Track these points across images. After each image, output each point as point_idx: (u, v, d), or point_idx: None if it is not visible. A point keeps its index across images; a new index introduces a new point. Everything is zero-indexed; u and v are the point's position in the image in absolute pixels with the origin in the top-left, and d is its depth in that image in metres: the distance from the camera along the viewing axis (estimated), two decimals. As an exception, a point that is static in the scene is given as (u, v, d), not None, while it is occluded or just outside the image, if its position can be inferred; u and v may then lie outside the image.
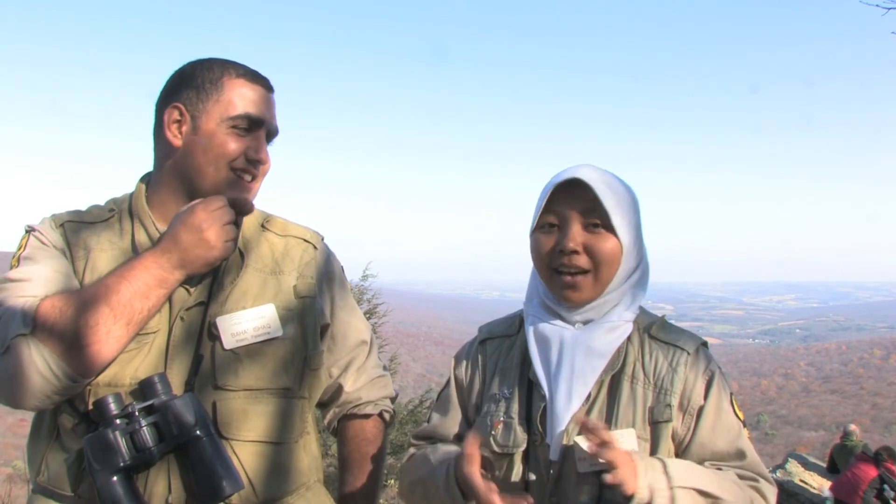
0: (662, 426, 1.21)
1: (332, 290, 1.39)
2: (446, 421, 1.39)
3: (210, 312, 1.23)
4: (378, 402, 1.44)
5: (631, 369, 1.25)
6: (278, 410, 1.26)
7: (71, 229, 1.26)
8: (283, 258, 1.33)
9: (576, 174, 1.23)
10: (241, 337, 1.23)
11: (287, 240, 1.36)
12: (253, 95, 1.26)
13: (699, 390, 1.24)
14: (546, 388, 1.25)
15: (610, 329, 1.27)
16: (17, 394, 1.10)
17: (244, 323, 1.24)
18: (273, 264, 1.31)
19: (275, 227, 1.37)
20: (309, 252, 1.37)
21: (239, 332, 1.23)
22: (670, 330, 1.31)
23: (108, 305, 1.12)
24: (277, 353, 1.26)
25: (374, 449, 1.44)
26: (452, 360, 1.45)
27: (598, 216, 1.23)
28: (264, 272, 1.30)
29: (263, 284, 1.28)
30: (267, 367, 1.25)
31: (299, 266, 1.34)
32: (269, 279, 1.29)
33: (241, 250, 1.30)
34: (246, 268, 1.29)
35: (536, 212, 1.29)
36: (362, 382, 1.42)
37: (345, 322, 1.40)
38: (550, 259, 1.26)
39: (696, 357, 1.27)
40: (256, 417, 1.23)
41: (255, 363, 1.24)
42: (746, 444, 1.23)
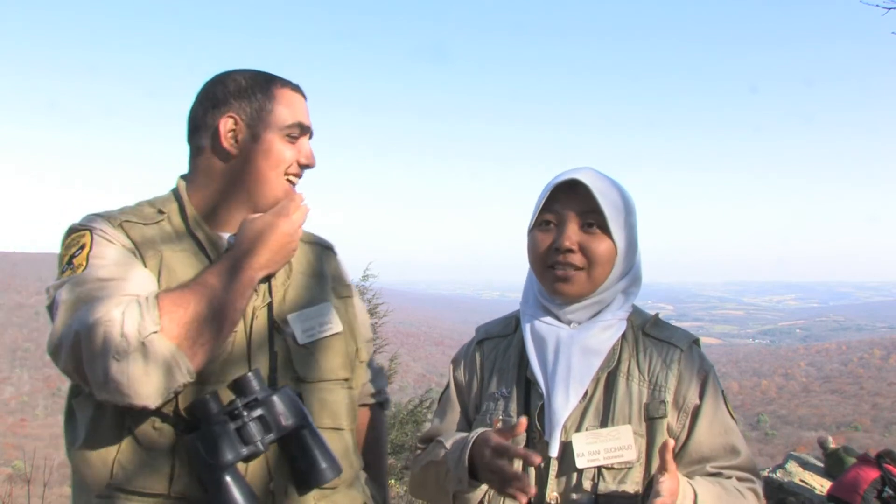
0: (658, 422, 1.24)
1: (350, 290, 1.52)
2: (447, 422, 1.42)
3: (274, 310, 1.31)
4: (378, 393, 1.57)
5: (626, 366, 1.29)
6: (344, 399, 1.37)
7: (130, 229, 1.27)
8: (316, 262, 1.45)
9: (575, 176, 1.28)
10: (311, 332, 1.33)
11: (311, 246, 1.47)
12: (299, 104, 1.35)
13: (694, 389, 1.27)
14: (543, 387, 1.28)
15: (604, 328, 1.30)
16: (146, 390, 1.09)
17: (311, 319, 1.34)
18: (309, 267, 1.42)
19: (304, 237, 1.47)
20: (333, 257, 1.51)
21: (308, 328, 1.33)
22: (664, 328, 1.35)
23: (218, 304, 1.16)
24: (340, 347, 1.38)
25: (378, 434, 1.57)
26: (451, 364, 1.48)
27: (594, 217, 1.27)
28: (306, 274, 1.40)
29: (311, 285, 1.39)
30: (334, 360, 1.36)
31: (330, 269, 1.47)
32: (313, 281, 1.40)
33: None
34: (292, 271, 1.37)
35: (535, 210, 1.33)
36: (370, 374, 1.54)
37: (358, 321, 1.49)
38: (546, 256, 1.30)
39: (689, 354, 1.30)
40: (331, 406, 1.33)
41: (324, 356, 1.34)
42: (740, 441, 1.27)
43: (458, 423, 1.42)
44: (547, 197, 1.31)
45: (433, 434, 1.43)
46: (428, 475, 1.35)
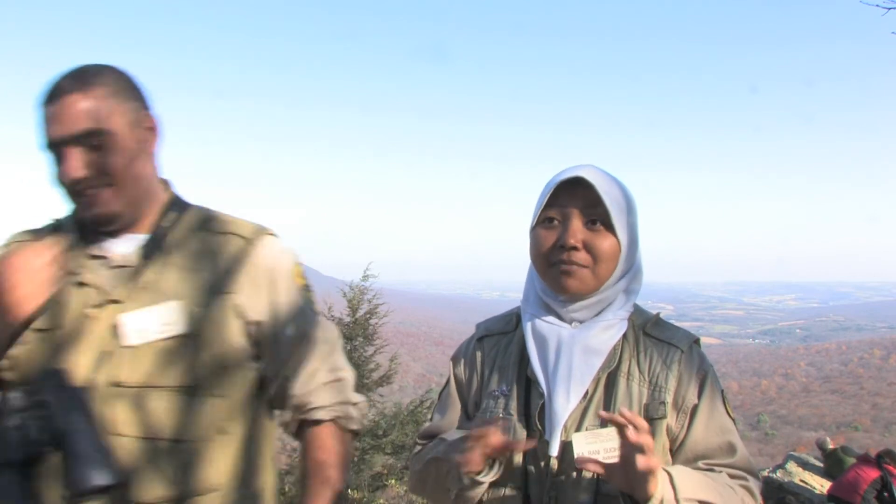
0: (657, 422, 1.24)
1: (271, 287, 1.32)
2: (447, 419, 1.42)
3: (124, 310, 1.23)
4: (332, 408, 1.35)
5: (627, 366, 1.28)
6: (179, 408, 1.22)
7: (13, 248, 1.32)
8: (210, 254, 1.30)
9: (579, 173, 1.27)
10: (144, 334, 1.22)
11: (222, 237, 1.33)
12: (47, 116, 1.22)
13: (693, 389, 1.27)
14: (544, 386, 1.27)
15: (605, 327, 1.30)
16: None
17: (148, 320, 1.23)
18: (196, 261, 1.29)
19: (213, 225, 1.34)
20: (239, 247, 1.31)
21: (142, 328, 1.22)
22: (664, 328, 1.34)
23: None
24: (180, 351, 1.23)
25: (327, 457, 1.34)
26: (451, 360, 1.47)
27: (598, 214, 1.27)
28: (185, 269, 1.28)
29: (179, 281, 1.27)
30: (168, 364, 1.23)
31: (226, 262, 1.30)
32: (188, 276, 1.27)
33: (166, 248, 1.29)
34: (168, 265, 1.28)
35: (538, 208, 1.31)
36: (313, 386, 1.34)
37: (289, 320, 1.34)
38: (550, 254, 1.29)
39: (689, 355, 1.30)
40: (153, 414, 1.21)
41: (156, 360, 1.22)
42: (737, 440, 1.26)
43: (458, 420, 1.41)
44: (550, 194, 1.30)
45: (432, 431, 1.42)
46: (428, 473, 1.35)
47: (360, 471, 9.03)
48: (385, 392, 10.11)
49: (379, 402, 9.95)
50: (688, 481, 1.16)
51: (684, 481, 1.15)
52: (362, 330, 9.70)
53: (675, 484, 1.14)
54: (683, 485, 1.14)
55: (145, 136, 1.28)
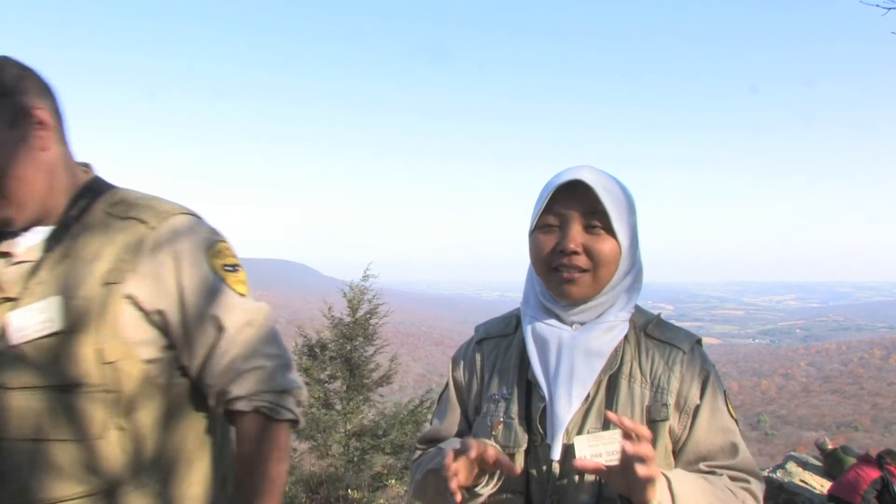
0: (660, 424, 1.23)
1: (176, 273, 1.23)
2: (447, 422, 1.40)
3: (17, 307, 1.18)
4: (253, 397, 1.25)
5: (628, 368, 1.27)
6: (66, 407, 1.16)
7: None
8: (109, 243, 1.22)
9: (577, 175, 1.24)
10: (24, 332, 1.16)
11: (125, 222, 1.24)
12: None
13: (695, 390, 1.25)
14: (545, 390, 1.26)
15: (607, 329, 1.28)
16: None
17: (29, 317, 1.17)
18: (95, 251, 1.21)
19: (119, 210, 1.26)
20: (139, 232, 1.22)
21: (23, 326, 1.16)
22: (666, 328, 1.33)
23: None
24: (62, 348, 1.16)
25: (252, 448, 1.25)
26: (450, 362, 1.45)
27: (598, 218, 1.25)
28: (82, 261, 1.20)
29: (74, 274, 1.19)
30: (54, 363, 1.16)
31: (122, 249, 1.21)
32: (83, 267, 1.20)
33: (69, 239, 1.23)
34: (63, 259, 1.21)
35: (536, 212, 1.29)
36: (231, 374, 1.25)
37: (198, 305, 1.24)
38: (550, 259, 1.27)
39: (691, 356, 1.28)
40: (39, 415, 1.15)
41: (41, 359, 1.16)
42: (740, 441, 1.25)
43: (458, 425, 1.40)
44: (548, 198, 1.27)
45: (432, 436, 1.41)
46: (428, 483, 1.32)
47: (360, 471, 9.03)
48: (385, 392, 10.11)
49: (379, 402, 9.95)
50: (687, 487, 1.14)
51: (683, 487, 1.14)
52: (362, 330, 9.70)
53: (673, 490, 1.12)
54: (682, 491, 1.13)
55: (29, 132, 1.20)
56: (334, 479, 8.46)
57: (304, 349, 9.65)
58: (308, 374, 9.32)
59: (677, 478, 1.15)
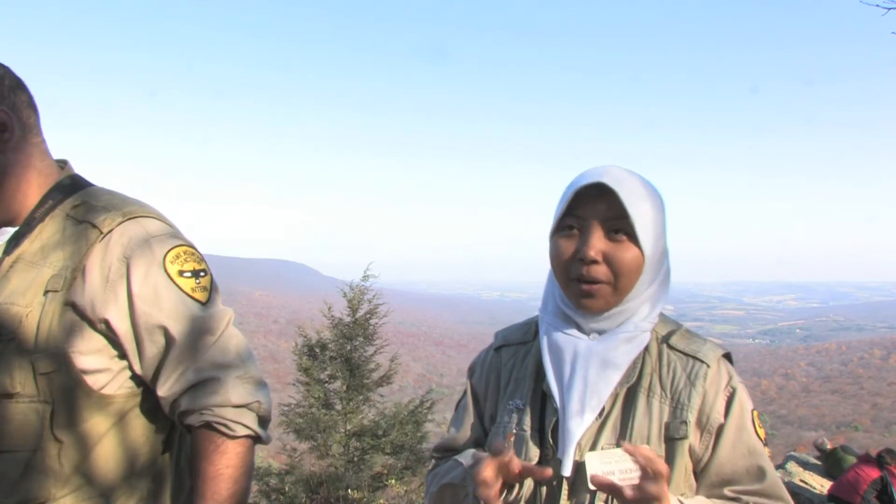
0: (678, 443, 1.14)
1: (125, 280, 1.17)
2: (463, 431, 1.36)
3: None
4: (203, 411, 1.18)
5: (647, 382, 1.19)
6: (5, 416, 1.12)
7: None
8: (60, 247, 1.18)
9: (601, 178, 1.16)
10: None
11: (79, 226, 1.20)
12: None
13: (719, 407, 1.17)
14: (558, 402, 1.19)
15: (626, 339, 1.20)
16: None
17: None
18: (46, 255, 1.17)
19: (78, 213, 1.22)
20: (91, 237, 1.17)
21: None
22: (691, 340, 1.24)
23: None
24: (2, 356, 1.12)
25: (204, 466, 1.18)
26: (468, 370, 1.40)
27: (621, 224, 1.16)
28: (32, 265, 1.17)
29: (19, 279, 1.16)
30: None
31: (70, 255, 1.17)
32: (29, 273, 1.16)
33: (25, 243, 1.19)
34: (16, 263, 1.17)
35: (557, 213, 1.22)
36: (179, 387, 1.19)
37: (147, 314, 1.18)
38: (569, 267, 1.19)
39: (717, 371, 1.19)
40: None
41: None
42: (767, 464, 1.17)
43: (474, 433, 1.35)
44: (570, 199, 1.19)
45: (449, 445, 1.36)
46: (445, 495, 1.27)
47: (360, 471, 9.03)
48: (385, 392, 10.10)
49: (379, 402, 9.95)
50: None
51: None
52: (362, 330, 9.70)
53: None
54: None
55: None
56: (334, 479, 8.46)
57: (304, 349, 9.65)
58: (308, 374, 9.33)
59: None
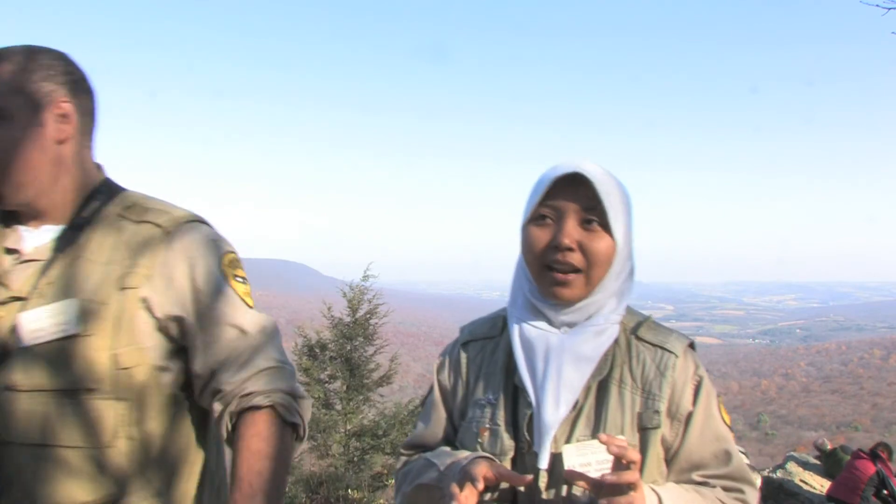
0: (651, 432, 1.18)
1: (190, 280, 1.23)
2: (432, 427, 1.35)
3: (29, 308, 1.16)
4: (271, 393, 1.22)
5: (619, 373, 1.22)
6: (76, 412, 1.14)
7: None
8: (121, 247, 1.21)
9: (577, 168, 1.18)
10: (38, 334, 1.14)
11: (139, 226, 1.23)
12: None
13: (688, 396, 1.21)
14: (532, 396, 1.20)
15: (597, 333, 1.22)
16: None
17: (44, 319, 1.15)
18: (109, 254, 1.20)
19: (132, 214, 1.25)
20: (155, 237, 1.22)
21: (37, 328, 1.14)
22: (658, 331, 1.27)
23: None
24: (81, 351, 1.14)
25: (266, 447, 1.19)
26: (434, 366, 1.40)
27: (595, 214, 1.19)
28: (96, 263, 1.19)
29: (88, 276, 1.18)
30: (69, 366, 1.14)
31: (136, 253, 1.20)
32: (98, 269, 1.19)
33: (81, 241, 1.22)
34: (76, 260, 1.20)
35: (530, 203, 1.23)
36: (247, 374, 1.23)
37: (216, 314, 1.23)
38: (544, 255, 1.21)
39: (684, 360, 1.23)
40: (48, 419, 1.13)
41: (55, 362, 1.14)
42: (733, 448, 1.22)
43: (443, 430, 1.35)
44: (545, 190, 1.20)
45: (418, 441, 1.37)
46: (419, 497, 1.28)
47: (360, 471, 9.04)
48: (385, 392, 10.11)
49: (379, 402, 9.96)
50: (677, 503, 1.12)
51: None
52: (362, 330, 9.71)
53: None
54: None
55: (52, 122, 1.20)
56: (334, 479, 8.47)
57: (304, 349, 9.66)
58: (308, 374, 9.33)
59: (667, 494, 1.12)
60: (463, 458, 1.20)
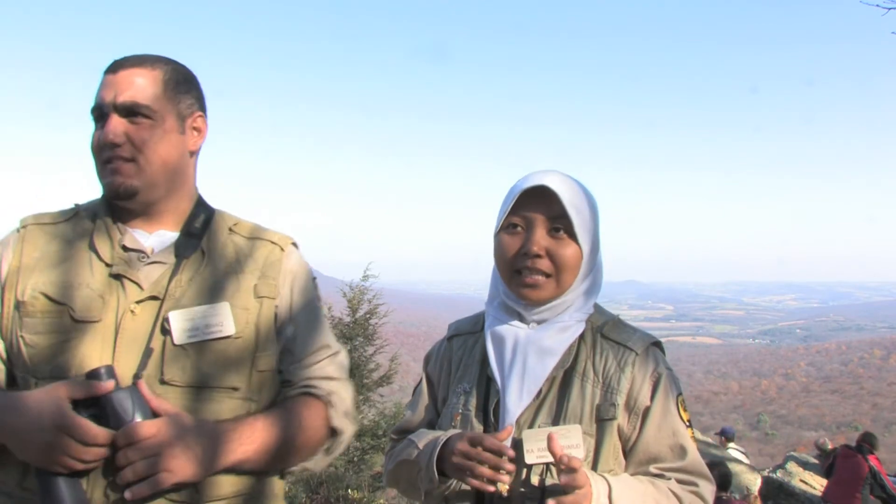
0: (608, 423, 1.28)
1: (297, 294, 1.37)
2: (418, 414, 1.50)
3: (165, 307, 1.23)
4: (330, 394, 1.36)
5: (582, 367, 1.32)
6: (224, 410, 1.24)
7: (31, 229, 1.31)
8: (246, 258, 1.34)
9: (543, 181, 1.31)
10: (192, 333, 1.22)
11: (253, 241, 1.37)
12: (102, 84, 1.28)
13: (646, 391, 1.30)
14: (500, 385, 1.33)
15: (561, 329, 1.34)
16: None
17: (197, 319, 1.23)
18: (235, 263, 1.32)
19: (241, 230, 1.38)
20: (275, 254, 1.36)
21: (190, 327, 1.22)
22: (622, 330, 1.38)
23: None
24: (228, 352, 1.25)
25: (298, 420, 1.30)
26: (424, 359, 1.56)
27: (562, 223, 1.31)
28: (225, 270, 1.31)
29: (222, 282, 1.29)
30: (216, 365, 1.24)
31: (262, 266, 1.34)
32: (230, 277, 1.30)
33: (202, 248, 1.31)
34: (206, 265, 1.29)
35: (501, 213, 1.36)
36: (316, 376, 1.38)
37: (308, 327, 1.38)
38: (514, 261, 1.34)
39: (644, 358, 1.33)
40: (200, 415, 1.21)
41: (204, 360, 1.23)
42: (689, 443, 1.30)
43: (427, 415, 1.49)
44: (514, 201, 1.33)
45: (405, 427, 1.51)
46: (401, 472, 1.42)
47: (361, 471, 9.05)
48: (385, 392, 10.13)
49: (379, 402, 9.97)
50: (628, 493, 1.21)
51: (624, 494, 1.21)
52: (362, 330, 9.72)
53: (613, 498, 1.19)
54: (622, 498, 1.20)
55: (188, 132, 1.32)
56: (334, 479, 8.47)
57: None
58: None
59: (619, 485, 1.21)
60: (439, 435, 1.33)
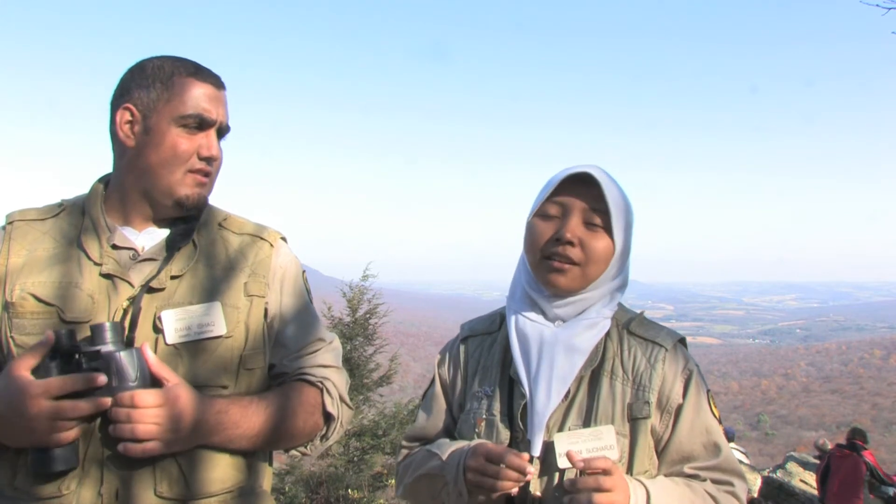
0: (641, 422, 1.23)
1: (287, 290, 1.38)
2: (433, 420, 1.42)
3: (157, 306, 1.22)
4: (324, 380, 1.36)
5: (610, 365, 1.28)
6: None
7: (18, 226, 1.29)
8: (236, 255, 1.33)
9: (587, 170, 1.27)
10: (183, 333, 1.22)
11: (242, 238, 1.36)
12: (203, 93, 1.27)
13: (678, 389, 1.26)
14: (526, 386, 1.27)
15: (588, 326, 1.29)
16: None
17: (189, 319, 1.22)
18: (226, 261, 1.31)
19: (232, 226, 1.37)
20: (264, 250, 1.36)
21: (182, 327, 1.22)
22: (649, 326, 1.34)
23: None
24: (219, 351, 1.25)
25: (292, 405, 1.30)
26: (436, 360, 1.48)
27: (599, 215, 1.27)
28: (216, 269, 1.30)
29: (213, 280, 1.28)
30: (207, 365, 1.24)
31: (252, 264, 1.33)
32: (221, 276, 1.29)
33: (194, 244, 1.30)
34: (198, 263, 1.28)
35: (539, 198, 1.32)
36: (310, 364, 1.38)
37: (300, 321, 1.38)
38: (545, 246, 1.29)
39: (674, 354, 1.29)
40: None
41: (195, 360, 1.23)
42: (722, 440, 1.27)
43: (443, 422, 1.41)
44: (555, 187, 1.30)
45: (419, 434, 1.43)
46: (421, 486, 1.35)
47: (361, 471, 9.03)
48: (385, 392, 10.10)
49: (379, 402, 9.95)
50: (665, 499, 1.17)
51: (660, 499, 1.16)
52: (362, 330, 9.69)
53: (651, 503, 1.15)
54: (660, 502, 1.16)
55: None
56: (334, 479, 8.46)
57: (304, 349, 9.64)
58: (308, 374, 9.32)
59: (657, 489, 1.17)
60: (464, 446, 1.26)
